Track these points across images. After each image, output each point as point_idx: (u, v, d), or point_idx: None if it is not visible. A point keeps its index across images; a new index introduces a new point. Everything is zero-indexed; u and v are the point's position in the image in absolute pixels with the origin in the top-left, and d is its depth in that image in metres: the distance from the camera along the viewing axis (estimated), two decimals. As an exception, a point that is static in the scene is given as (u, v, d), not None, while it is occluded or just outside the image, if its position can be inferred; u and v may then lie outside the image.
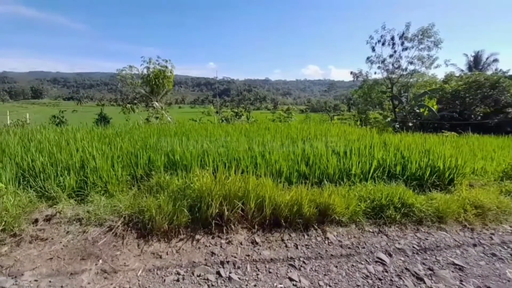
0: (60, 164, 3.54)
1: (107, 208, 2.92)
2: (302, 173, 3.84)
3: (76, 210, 2.94)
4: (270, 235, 2.82)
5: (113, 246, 2.50)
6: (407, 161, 4.10)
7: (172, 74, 16.41)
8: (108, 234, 2.63)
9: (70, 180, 3.27)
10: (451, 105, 20.62)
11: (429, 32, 20.24)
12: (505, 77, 21.53)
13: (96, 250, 2.43)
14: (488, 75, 21.55)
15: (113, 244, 2.53)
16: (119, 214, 2.85)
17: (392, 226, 3.05)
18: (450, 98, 20.68)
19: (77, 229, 2.68)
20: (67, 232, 2.63)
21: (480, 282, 2.26)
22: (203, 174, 3.18)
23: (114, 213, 2.88)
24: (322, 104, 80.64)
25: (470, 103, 19.74)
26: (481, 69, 31.08)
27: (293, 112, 28.91)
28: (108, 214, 2.85)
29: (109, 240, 2.57)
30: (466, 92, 19.98)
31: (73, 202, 3.11)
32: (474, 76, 21.18)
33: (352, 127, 8.72)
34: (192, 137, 5.19)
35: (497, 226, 3.21)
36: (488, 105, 19.35)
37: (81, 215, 2.83)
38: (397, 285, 2.18)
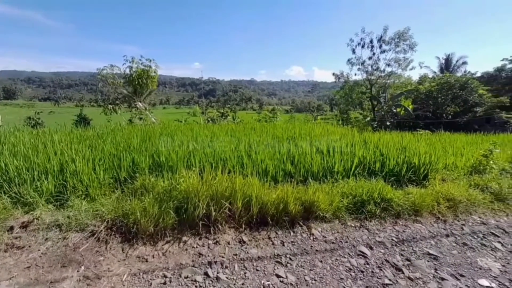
0: (37, 168, 3.34)
1: (88, 213, 2.80)
2: (288, 172, 3.88)
3: (55, 215, 2.79)
4: (257, 233, 2.83)
5: (96, 252, 2.40)
6: (385, 158, 4.26)
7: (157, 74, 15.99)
8: (91, 240, 2.52)
9: (48, 185, 3.10)
10: (425, 105, 21.70)
11: (405, 36, 21.18)
12: (473, 78, 23.00)
13: (77, 256, 2.33)
14: (458, 77, 22.90)
15: (96, 249, 2.43)
16: (101, 219, 2.74)
17: (373, 220, 3.17)
18: (424, 98, 21.76)
19: (56, 235, 2.55)
20: (46, 239, 2.50)
21: (453, 270, 2.40)
22: (189, 175, 3.13)
23: (97, 218, 2.77)
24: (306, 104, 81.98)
25: (442, 103, 20.86)
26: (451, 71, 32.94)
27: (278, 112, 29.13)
28: (90, 218, 2.73)
29: (92, 245, 2.47)
30: (438, 92, 21.11)
31: (51, 208, 2.95)
32: (445, 78, 22.42)
33: (335, 127, 8.94)
34: (178, 138, 5.10)
35: (467, 217, 3.42)
36: (458, 105, 20.55)
37: (61, 220, 2.69)
38: (378, 276, 2.27)
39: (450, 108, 20.72)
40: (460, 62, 34.20)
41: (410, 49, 21.39)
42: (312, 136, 5.99)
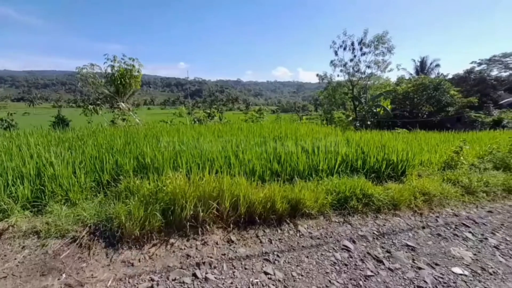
0: (11, 173, 3.15)
1: (69, 218, 2.68)
2: (275, 171, 3.92)
3: (32, 222, 2.65)
4: (245, 232, 2.83)
5: (78, 258, 2.31)
6: (366, 156, 4.41)
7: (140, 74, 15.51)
8: (72, 246, 2.42)
9: (24, 190, 2.93)
10: (402, 105, 22.66)
11: (383, 39, 22.01)
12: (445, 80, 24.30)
13: (58, 264, 2.22)
14: (432, 78, 24.11)
15: (78, 256, 2.33)
16: (83, 224, 2.63)
17: (355, 215, 3.27)
18: (401, 98, 22.72)
19: (34, 243, 2.42)
20: (23, 247, 2.36)
21: (429, 260, 2.53)
22: (176, 176, 3.08)
23: (78, 223, 2.65)
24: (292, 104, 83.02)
25: (418, 103, 21.88)
26: (426, 73, 34.63)
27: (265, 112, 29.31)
28: (70, 224, 2.61)
29: (73, 252, 2.37)
30: (414, 93, 22.12)
31: (28, 214, 2.79)
32: (420, 79, 23.53)
33: (319, 126, 9.12)
34: (164, 139, 4.99)
35: (441, 210, 3.61)
36: (432, 105, 21.63)
37: (39, 227, 2.56)
38: (361, 268, 2.35)
39: (425, 108, 21.78)
40: (434, 65, 36.09)
41: (388, 51, 22.29)
42: (297, 135, 6.08)
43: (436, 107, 21.44)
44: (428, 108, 21.75)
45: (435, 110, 21.34)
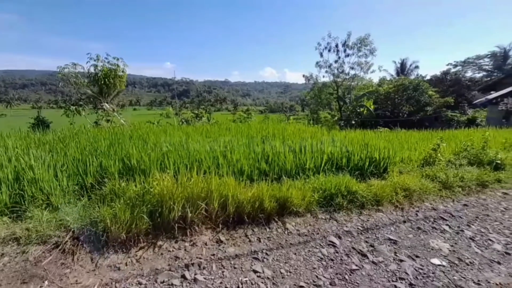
0: (-12, 178, 2.97)
1: (51, 223, 2.56)
2: (263, 171, 3.93)
3: (11, 228, 2.51)
4: (234, 232, 2.83)
5: (61, 264, 2.21)
6: (351, 154, 4.52)
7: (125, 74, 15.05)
8: (55, 252, 2.32)
9: (1, 195, 2.77)
10: (384, 105, 23.39)
11: (366, 41, 22.65)
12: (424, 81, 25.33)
13: (40, 271, 2.12)
14: (411, 79, 25.05)
15: (61, 262, 2.24)
16: (66, 229, 2.53)
17: (341, 212, 3.35)
18: (383, 99, 23.45)
19: (14, 250, 2.30)
20: (2, 254, 2.24)
21: (410, 252, 2.63)
22: (163, 178, 3.02)
23: (61, 228, 2.54)
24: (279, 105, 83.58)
25: (399, 103, 22.67)
26: (406, 74, 35.94)
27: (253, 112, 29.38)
28: (52, 229, 2.50)
29: (56, 258, 2.27)
30: (395, 93, 22.89)
31: (7, 220, 2.65)
32: (400, 80, 24.38)
33: (306, 126, 9.24)
34: (151, 140, 4.88)
35: (421, 204, 3.77)
36: (412, 105, 22.48)
37: (19, 233, 2.43)
38: (346, 263, 2.41)
39: (405, 108, 22.59)
40: (413, 66, 37.55)
41: (371, 53, 23.00)
42: (285, 135, 6.13)
43: (415, 107, 22.31)
44: (408, 108, 22.58)
45: (415, 110, 22.20)
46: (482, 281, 2.24)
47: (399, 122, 17.84)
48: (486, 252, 2.69)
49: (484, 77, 30.95)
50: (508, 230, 3.17)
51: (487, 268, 2.43)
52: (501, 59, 30.92)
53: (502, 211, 3.71)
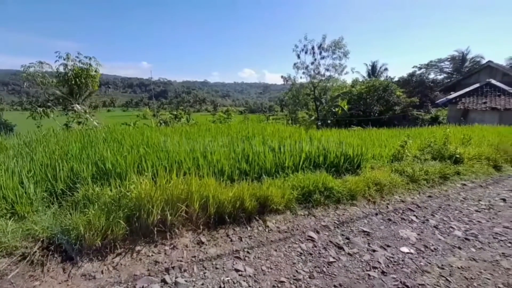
0: None
1: (17, 234, 2.35)
2: (243, 170, 3.93)
3: (-30, 241, 2.27)
4: (215, 232, 2.80)
5: (29, 277, 2.05)
6: (327, 152, 4.67)
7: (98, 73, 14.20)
8: (22, 264, 2.14)
9: (-43, 206, 2.50)
10: (357, 105, 24.44)
11: (340, 44, 23.53)
12: (392, 82, 26.87)
13: (6, 285, 1.94)
14: (381, 81, 26.43)
15: (30, 274, 2.07)
16: (35, 239, 2.34)
17: (318, 208, 3.45)
18: (356, 99, 24.50)
19: (-27, 264, 2.08)
20: (-42, 271, 2.02)
21: (382, 242, 2.79)
22: (141, 181, 2.91)
23: (28, 238, 2.35)
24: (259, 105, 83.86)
25: (370, 103, 23.81)
26: (376, 76, 37.83)
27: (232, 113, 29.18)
28: (19, 240, 2.30)
29: (24, 270, 2.10)
30: (367, 94, 24.02)
31: (-36, 233, 2.39)
32: (371, 82, 25.65)
33: (285, 126, 9.37)
34: (127, 143, 4.66)
35: (391, 197, 4.01)
36: (382, 104, 23.73)
37: (-21, 246, 2.21)
38: (324, 256, 2.50)
39: (376, 107, 23.79)
40: (383, 69, 39.61)
41: (344, 56, 23.93)
42: (264, 135, 6.17)
43: (385, 107, 23.58)
44: (378, 107, 23.80)
45: (385, 109, 23.47)
46: (446, 265, 2.43)
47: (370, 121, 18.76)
48: (448, 239, 2.93)
49: (445, 79, 33.54)
50: (467, 217, 3.48)
51: (450, 253, 2.65)
52: (459, 62, 33.72)
53: (461, 201, 4.06)
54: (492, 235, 3.02)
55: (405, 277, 2.25)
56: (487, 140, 7.22)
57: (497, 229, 3.17)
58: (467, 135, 7.25)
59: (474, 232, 3.08)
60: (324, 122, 21.45)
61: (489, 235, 3.04)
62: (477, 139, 7.27)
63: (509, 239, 2.93)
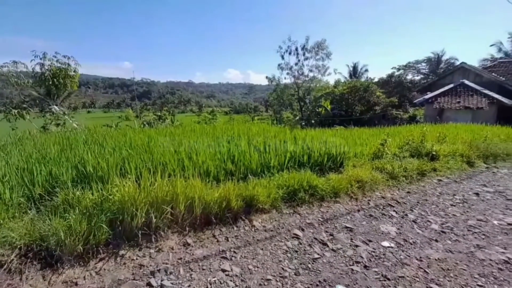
0: None
1: (-9, 242, 2.22)
2: (229, 171, 3.93)
3: None
4: (201, 233, 2.79)
5: (7, 286, 1.94)
6: (311, 151, 4.77)
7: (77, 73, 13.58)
8: (-3, 273, 2.02)
9: None
10: (340, 105, 25.10)
11: (322, 46, 24.03)
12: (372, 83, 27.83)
13: (-22, 296, 1.83)
14: (362, 82, 27.29)
15: (8, 283, 1.97)
16: (12, 246, 2.22)
17: (303, 206, 3.53)
18: (339, 99, 25.13)
19: None
20: None
21: (364, 238, 2.90)
22: (124, 184, 2.83)
23: (5, 246, 2.22)
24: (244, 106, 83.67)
25: (352, 103, 24.52)
26: (357, 76, 38.99)
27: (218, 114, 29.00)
28: (-7, 248, 2.18)
29: (1, 279, 1.98)
30: (349, 94, 24.71)
31: None
32: (353, 82, 26.41)
33: (270, 126, 9.45)
34: (108, 145, 4.51)
35: (372, 194, 4.16)
36: (363, 104, 24.50)
37: None
38: (309, 253, 2.56)
39: (357, 107, 24.53)
40: (364, 70, 40.90)
41: (327, 57, 24.47)
42: (250, 135, 6.19)
43: (366, 106, 24.36)
44: (360, 107, 24.55)
45: (366, 109, 24.25)
46: (424, 258, 2.57)
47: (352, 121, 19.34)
48: (426, 232, 3.08)
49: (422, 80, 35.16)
50: (443, 211, 3.69)
51: (427, 246, 2.79)
52: (435, 63, 35.50)
53: (437, 196, 4.30)
54: (467, 228, 3.22)
55: (386, 270, 2.36)
56: (461, 138, 7.66)
57: (471, 222, 3.38)
58: (442, 133, 7.65)
59: (449, 225, 3.27)
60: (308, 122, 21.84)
61: (463, 227, 3.23)
62: (451, 137, 7.70)
63: (482, 231, 3.13)
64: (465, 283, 2.21)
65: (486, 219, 3.48)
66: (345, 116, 23.07)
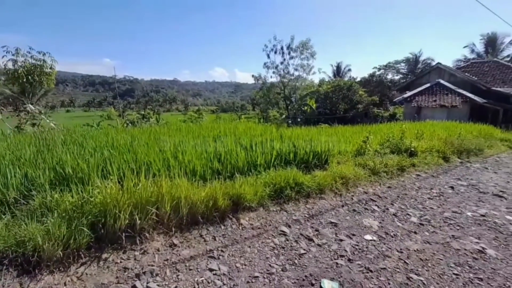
0: None
1: (-41, 250, 2.07)
2: (216, 170, 3.89)
3: None
4: (188, 234, 2.75)
5: (-24, 297, 1.82)
6: (297, 149, 4.83)
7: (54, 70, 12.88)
8: (-34, 284, 1.89)
9: None
10: (324, 103, 25.61)
11: (307, 45, 24.37)
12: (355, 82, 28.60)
13: None
14: (345, 81, 27.99)
15: (-23, 293, 1.84)
16: (-17, 254, 2.08)
17: (290, 203, 3.57)
18: (323, 98, 25.64)
19: None
20: None
21: (348, 232, 2.98)
22: (106, 185, 2.73)
23: (-26, 254, 2.08)
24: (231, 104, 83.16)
25: (336, 102, 25.10)
26: (341, 76, 39.92)
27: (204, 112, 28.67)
28: (-38, 257, 2.03)
29: (-32, 290, 1.85)
30: (333, 93, 25.27)
31: None
32: (337, 82, 27.04)
33: (256, 124, 9.47)
34: (89, 145, 4.32)
35: (355, 189, 4.29)
36: (346, 103, 25.15)
37: None
38: (295, 248, 2.60)
39: (341, 106, 25.14)
40: (347, 69, 41.96)
41: (311, 56, 24.87)
42: (236, 134, 6.17)
43: (349, 105, 25.04)
44: (343, 105, 25.19)
45: (349, 107, 24.91)
46: (404, 249, 2.68)
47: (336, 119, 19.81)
48: (406, 225, 3.23)
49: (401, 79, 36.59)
50: (421, 205, 3.87)
51: (407, 238, 2.92)
52: (413, 63, 37.07)
53: (416, 190, 4.51)
54: (443, 220, 3.40)
55: (369, 262, 2.44)
56: (437, 135, 8.07)
57: (447, 214, 3.58)
58: (420, 130, 8.02)
59: (427, 218, 3.44)
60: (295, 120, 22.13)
61: (440, 219, 3.41)
62: (428, 134, 8.09)
63: (457, 223, 3.32)
64: (442, 272, 2.34)
65: (460, 211, 3.70)
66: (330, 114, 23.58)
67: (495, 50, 30.65)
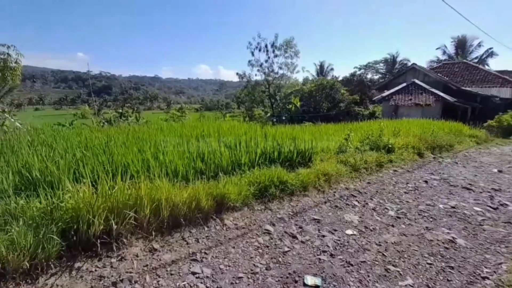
0: None
1: None
2: (199, 170, 3.81)
3: None
4: (169, 237, 2.66)
5: None
6: (281, 147, 4.85)
7: (19, 65, 11.91)
8: None
9: None
10: (308, 102, 26.04)
11: (291, 44, 24.60)
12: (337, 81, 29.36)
13: None
14: (328, 80, 28.60)
15: None
16: None
17: (274, 201, 3.59)
18: (307, 96, 26.06)
19: None
20: None
21: (330, 228, 3.05)
22: (78, 189, 2.57)
23: None
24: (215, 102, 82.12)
25: (319, 100, 25.61)
26: (324, 75, 40.78)
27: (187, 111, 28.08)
28: None
29: None
30: (316, 92, 25.76)
31: None
32: (320, 80, 27.56)
33: (241, 123, 9.39)
34: (59, 146, 4.04)
35: (337, 186, 4.40)
36: (329, 101, 25.76)
37: None
38: (280, 246, 2.62)
39: (324, 104, 25.70)
40: (329, 69, 42.94)
41: (295, 55, 25.16)
42: (220, 132, 6.08)
43: (332, 104, 25.67)
44: (326, 104, 25.77)
45: (332, 106, 25.54)
46: (382, 242, 2.79)
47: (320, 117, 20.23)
48: (384, 219, 3.36)
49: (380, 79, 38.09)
50: (398, 199, 4.05)
51: (385, 231, 3.05)
52: (391, 64, 38.73)
53: (393, 185, 4.71)
54: (418, 212, 3.59)
55: (350, 256, 2.51)
56: (412, 132, 8.50)
57: (421, 207, 3.77)
58: (397, 128, 8.39)
59: (404, 211, 3.61)
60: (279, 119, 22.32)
61: (415, 212, 3.59)
62: (404, 131, 8.49)
63: (430, 215, 3.52)
64: (417, 263, 2.46)
65: (433, 203, 3.92)
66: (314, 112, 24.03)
67: (464, 52, 32.85)
